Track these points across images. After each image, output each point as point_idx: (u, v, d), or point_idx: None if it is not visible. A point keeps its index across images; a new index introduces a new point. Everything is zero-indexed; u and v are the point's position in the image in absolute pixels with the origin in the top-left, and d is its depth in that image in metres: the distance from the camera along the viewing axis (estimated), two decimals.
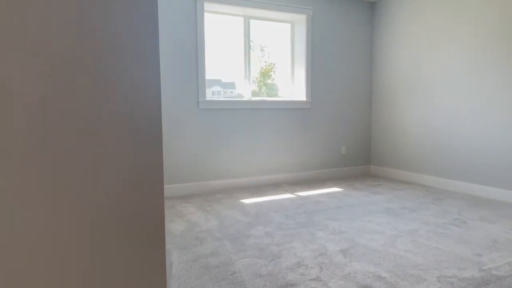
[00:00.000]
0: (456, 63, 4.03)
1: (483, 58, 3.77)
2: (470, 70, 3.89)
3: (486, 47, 3.74)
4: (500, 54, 3.62)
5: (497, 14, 3.63)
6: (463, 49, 3.95)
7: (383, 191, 4.13)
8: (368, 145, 5.22)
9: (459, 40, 4.00)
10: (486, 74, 3.74)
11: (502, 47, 3.61)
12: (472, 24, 3.85)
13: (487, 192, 3.77)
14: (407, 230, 2.81)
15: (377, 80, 5.07)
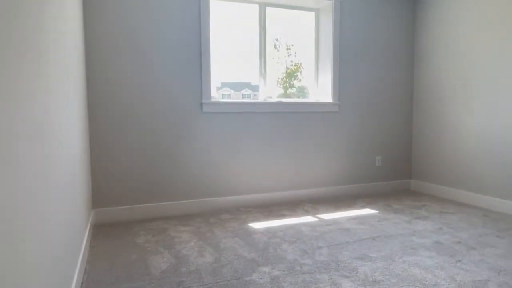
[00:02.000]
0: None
1: None
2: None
3: None
4: None
5: None
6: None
7: (429, 215, 3.30)
8: (408, 156, 4.38)
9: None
10: None
11: None
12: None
13: None
14: (470, 283, 2.01)
15: (420, 81, 4.22)
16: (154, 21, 3.19)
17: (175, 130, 3.32)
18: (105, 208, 3.13)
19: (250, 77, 3.84)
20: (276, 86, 4.07)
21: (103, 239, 2.72)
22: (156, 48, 3.21)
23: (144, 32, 3.16)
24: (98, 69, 3.05)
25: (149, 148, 3.24)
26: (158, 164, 3.28)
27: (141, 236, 2.79)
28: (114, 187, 3.16)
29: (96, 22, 3.02)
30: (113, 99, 3.11)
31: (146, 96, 3.21)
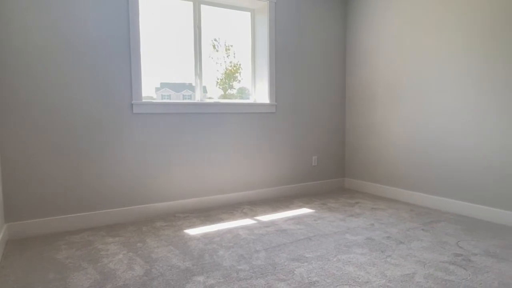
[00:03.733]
0: (450, 59, 3.39)
1: (485, 53, 3.15)
2: (467, 69, 3.27)
3: (490, 39, 3.12)
4: (507, 45, 3.01)
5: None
6: (461, 42, 3.32)
7: (362, 212, 3.42)
8: (342, 155, 4.53)
9: (455, 30, 3.36)
10: (487, 74, 3.12)
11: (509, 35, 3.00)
12: (470, 9, 3.23)
13: (482, 212, 3.14)
14: (399, 277, 2.08)
15: (352, 82, 4.39)
16: (77, 16, 2.91)
17: (103, 133, 3.07)
18: (21, 221, 2.79)
19: (191, 78, 3.70)
20: (216, 87, 3.97)
21: (17, 257, 2.41)
22: (79, 46, 2.93)
23: (65, 28, 2.87)
24: (14, 68, 2.71)
25: (72, 153, 2.95)
26: (84, 170, 3.00)
27: (62, 251, 2.52)
28: (31, 197, 2.83)
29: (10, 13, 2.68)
30: (29, 99, 2.78)
31: (69, 97, 2.92)
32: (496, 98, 3.02)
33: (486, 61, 3.08)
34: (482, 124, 3.13)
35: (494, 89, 3.04)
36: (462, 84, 3.26)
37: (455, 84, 3.32)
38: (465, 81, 3.24)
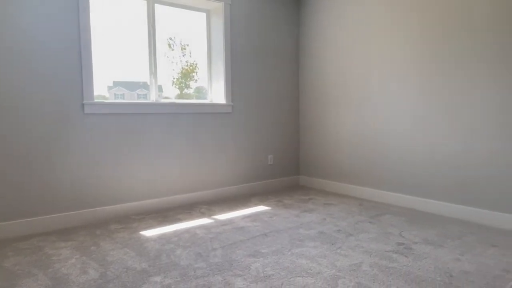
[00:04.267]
0: (394, 61, 3.64)
1: (426, 58, 3.42)
2: (410, 71, 3.52)
3: (432, 43, 3.38)
4: (454, 47, 3.28)
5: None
6: (403, 47, 3.57)
7: (315, 207, 3.58)
8: (297, 154, 4.69)
9: (399, 35, 3.61)
10: (428, 75, 3.39)
11: (460, 37, 3.27)
12: (415, 12, 3.49)
13: (423, 205, 3.41)
14: (348, 267, 2.22)
15: (305, 82, 4.56)
16: (24, 12, 2.78)
17: (52, 134, 2.96)
18: None
19: (145, 77, 3.64)
20: (172, 87, 3.96)
21: None
22: (26, 43, 2.80)
23: (11, 25, 2.73)
24: None
25: (18, 155, 2.82)
26: (31, 173, 2.88)
27: (9, 258, 2.41)
28: None
29: None
30: None
31: (16, 98, 2.78)
32: (436, 98, 3.30)
33: (427, 64, 3.35)
34: (424, 122, 3.40)
35: (434, 90, 3.31)
36: (406, 85, 3.52)
37: (399, 85, 3.57)
38: (408, 83, 3.50)
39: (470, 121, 3.07)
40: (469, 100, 3.07)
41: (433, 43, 3.28)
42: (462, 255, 2.39)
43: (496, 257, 2.35)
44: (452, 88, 3.17)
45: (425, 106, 3.37)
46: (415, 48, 3.41)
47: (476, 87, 3.02)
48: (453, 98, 3.17)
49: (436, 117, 3.30)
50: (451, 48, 3.16)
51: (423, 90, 3.37)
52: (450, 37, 3.16)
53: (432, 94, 3.31)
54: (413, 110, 3.46)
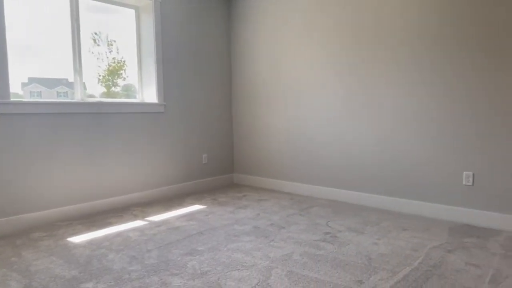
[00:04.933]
0: (320, 62, 3.89)
1: (351, 56, 3.70)
2: (334, 71, 3.79)
3: (354, 42, 3.67)
4: (368, 50, 3.59)
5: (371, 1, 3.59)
6: (329, 46, 3.83)
7: (249, 204, 3.70)
8: (231, 152, 4.78)
9: (324, 35, 3.86)
10: (349, 76, 3.68)
11: (372, 41, 3.58)
12: (335, 16, 3.75)
13: (347, 196, 3.72)
14: (280, 257, 2.36)
15: (238, 82, 4.67)
16: None
17: None
18: None
19: (65, 73, 3.42)
20: (98, 84, 3.77)
21: None
22: None
23: None
24: None
25: None
26: None
27: None
28: None
29: None
30: None
31: None
32: (355, 97, 3.61)
33: (345, 67, 3.65)
34: (347, 120, 3.70)
35: (352, 89, 3.62)
36: (331, 85, 3.79)
37: (325, 85, 3.83)
38: (333, 82, 3.77)
39: (384, 119, 3.42)
40: (383, 99, 3.42)
41: (350, 48, 3.58)
42: (379, 239, 2.67)
43: (407, 239, 2.67)
44: (368, 87, 3.50)
45: (345, 105, 3.67)
46: (336, 51, 3.70)
47: (389, 87, 3.37)
48: (369, 97, 3.50)
49: (355, 115, 3.61)
50: (366, 51, 3.48)
51: (343, 90, 3.67)
52: (365, 43, 3.48)
53: (352, 93, 3.61)
54: (334, 109, 3.75)
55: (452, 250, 2.44)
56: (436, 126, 3.13)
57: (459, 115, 3.01)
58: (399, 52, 3.29)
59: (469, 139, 2.97)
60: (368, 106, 3.52)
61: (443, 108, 3.09)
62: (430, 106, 3.15)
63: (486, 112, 2.88)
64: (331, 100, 3.78)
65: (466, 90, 2.97)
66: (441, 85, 3.08)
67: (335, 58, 3.71)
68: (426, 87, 3.16)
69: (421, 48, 3.16)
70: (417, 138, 3.24)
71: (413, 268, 2.18)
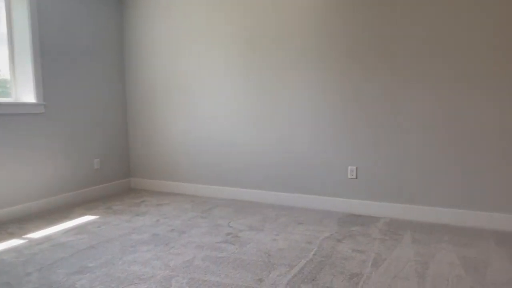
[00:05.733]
0: (221, 64, 3.87)
1: (249, 58, 3.75)
2: (234, 72, 3.81)
3: (251, 45, 3.73)
4: (267, 54, 3.67)
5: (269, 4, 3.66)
6: (227, 48, 3.83)
7: (148, 209, 3.52)
8: (126, 155, 4.47)
9: (225, 37, 3.85)
10: (253, 76, 3.74)
11: (271, 46, 3.67)
12: (236, 18, 3.77)
13: (248, 195, 3.80)
14: (181, 265, 2.29)
15: (132, 81, 4.39)
16: None
17: None
18: None
19: None
20: None
21: None
22: None
23: None
24: None
25: None
26: None
27: None
28: None
29: None
30: None
31: None
32: (256, 99, 3.70)
33: (247, 69, 3.72)
34: (247, 121, 3.76)
35: (256, 91, 3.70)
36: (231, 86, 3.82)
37: (225, 86, 3.84)
38: (233, 83, 3.80)
39: (281, 120, 3.58)
40: (280, 101, 3.58)
41: (249, 50, 3.66)
42: (277, 235, 2.78)
43: (302, 232, 2.84)
44: (266, 90, 3.63)
45: (245, 106, 3.74)
46: (236, 53, 3.74)
47: (285, 90, 3.54)
48: (267, 99, 3.63)
49: (254, 116, 3.70)
50: (264, 55, 3.60)
51: (243, 92, 3.73)
52: (264, 47, 3.59)
53: (251, 95, 3.70)
54: (234, 110, 3.79)
55: (341, 239, 2.67)
56: (325, 126, 3.40)
57: (345, 116, 3.31)
58: (295, 56, 3.47)
59: (353, 137, 3.29)
60: (267, 107, 3.64)
61: (332, 109, 3.36)
62: (321, 107, 3.40)
63: (369, 113, 3.22)
64: (231, 101, 3.81)
65: (354, 94, 3.28)
66: (331, 89, 3.35)
67: (236, 60, 3.75)
68: (318, 90, 3.40)
69: (316, 54, 3.39)
70: (310, 138, 3.47)
71: (308, 260, 2.32)
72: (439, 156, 2.99)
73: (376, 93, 3.17)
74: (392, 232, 2.82)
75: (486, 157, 2.85)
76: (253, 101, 3.69)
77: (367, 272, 2.13)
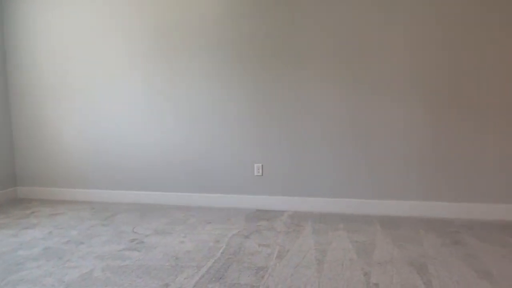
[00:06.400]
0: (120, 63, 3.63)
1: (151, 60, 3.58)
2: (135, 71, 3.61)
3: (153, 43, 3.56)
4: (171, 52, 3.55)
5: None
6: (126, 44, 3.61)
7: (39, 221, 3.15)
8: (11, 162, 3.94)
9: (119, 35, 3.61)
10: (154, 73, 3.58)
11: (173, 43, 3.54)
12: (131, 17, 3.57)
13: (154, 198, 3.66)
14: (78, 278, 2.10)
15: (16, 80, 3.87)
16: None
17: None
18: None
19: None
20: None
21: None
22: None
23: None
24: None
25: None
26: None
27: None
28: None
29: None
30: None
31: None
32: (158, 99, 3.57)
33: (148, 69, 3.56)
34: (149, 122, 3.61)
35: (158, 91, 3.56)
36: (130, 85, 3.62)
37: (123, 85, 3.63)
38: (134, 89, 3.61)
39: (185, 121, 3.53)
40: (184, 102, 3.51)
41: (149, 50, 3.53)
42: (185, 237, 2.74)
43: (210, 231, 2.84)
44: (167, 90, 3.53)
45: (146, 107, 3.59)
46: (135, 52, 3.56)
47: (190, 86, 3.49)
48: (170, 99, 3.54)
49: (156, 117, 3.58)
50: (166, 56, 3.50)
51: (147, 90, 3.58)
52: (165, 48, 3.49)
53: (153, 91, 3.57)
54: (133, 110, 3.62)
55: (248, 235, 2.74)
56: (231, 124, 3.44)
57: (252, 115, 3.40)
58: (199, 54, 3.44)
59: (260, 135, 3.40)
60: (169, 105, 3.55)
61: (238, 108, 3.42)
62: (227, 106, 3.44)
63: (274, 112, 3.36)
64: (132, 101, 3.62)
65: (260, 93, 3.38)
66: (237, 87, 3.41)
67: (135, 59, 3.57)
68: (224, 88, 3.43)
69: (222, 52, 3.40)
70: (216, 137, 3.48)
71: (216, 259, 2.33)
72: (333, 152, 3.27)
73: (281, 92, 3.32)
74: (295, 224, 2.99)
75: (368, 151, 3.20)
76: (154, 99, 3.56)
77: (272, 265, 2.23)
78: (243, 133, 3.42)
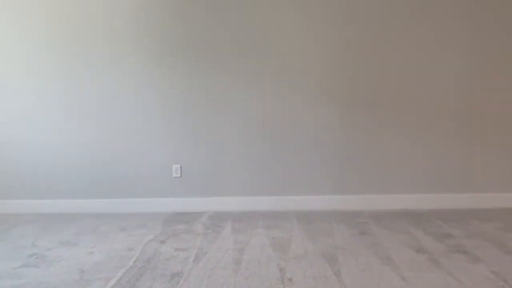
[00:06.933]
0: (29, 61, 3.23)
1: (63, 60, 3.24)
2: (36, 65, 3.24)
3: (49, 41, 3.22)
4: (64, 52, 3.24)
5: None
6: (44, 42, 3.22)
7: None
8: None
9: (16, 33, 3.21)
10: (58, 67, 3.24)
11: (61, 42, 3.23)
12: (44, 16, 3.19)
13: (58, 207, 3.33)
14: None
15: None
16: None
17: None
18: None
19: None
20: None
21: None
22: None
23: None
24: None
25: None
26: None
27: None
28: None
29: None
30: None
31: None
32: (65, 96, 3.25)
33: (60, 68, 3.23)
34: (53, 126, 3.27)
35: (63, 88, 3.25)
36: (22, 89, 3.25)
37: (31, 85, 3.25)
38: (44, 83, 3.25)
39: (94, 123, 3.27)
40: (94, 103, 3.26)
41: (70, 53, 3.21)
42: (94, 247, 2.53)
43: (123, 239, 2.66)
44: (76, 83, 3.25)
45: (55, 108, 3.26)
46: (49, 51, 3.21)
47: (106, 83, 3.24)
48: (80, 93, 3.26)
49: (64, 119, 3.27)
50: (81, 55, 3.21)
51: (54, 94, 3.25)
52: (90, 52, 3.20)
53: (57, 88, 3.25)
54: (36, 113, 3.26)
55: (165, 240, 2.63)
56: (149, 126, 3.28)
57: (170, 116, 3.27)
58: (121, 54, 3.21)
59: (177, 136, 3.29)
60: (79, 103, 3.26)
61: (156, 109, 3.26)
62: (145, 107, 3.26)
63: (191, 113, 3.27)
64: (37, 103, 3.25)
65: (177, 94, 3.25)
66: (155, 87, 3.25)
67: (47, 57, 3.21)
68: (140, 88, 3.25)
69: (138, 53, 3.21)
70: (133, 138, 3.29)
71: (128, 268, 2.19)
72: (249, 152, 3.29)
73: (198, 95, 3.24)
74: (215, 225, 2.95)
75: (282, 150, 3.29)
76: (59, 97, 3.25)
77: (188, 269, 2.15)
78: (161, 134, 3.29)
